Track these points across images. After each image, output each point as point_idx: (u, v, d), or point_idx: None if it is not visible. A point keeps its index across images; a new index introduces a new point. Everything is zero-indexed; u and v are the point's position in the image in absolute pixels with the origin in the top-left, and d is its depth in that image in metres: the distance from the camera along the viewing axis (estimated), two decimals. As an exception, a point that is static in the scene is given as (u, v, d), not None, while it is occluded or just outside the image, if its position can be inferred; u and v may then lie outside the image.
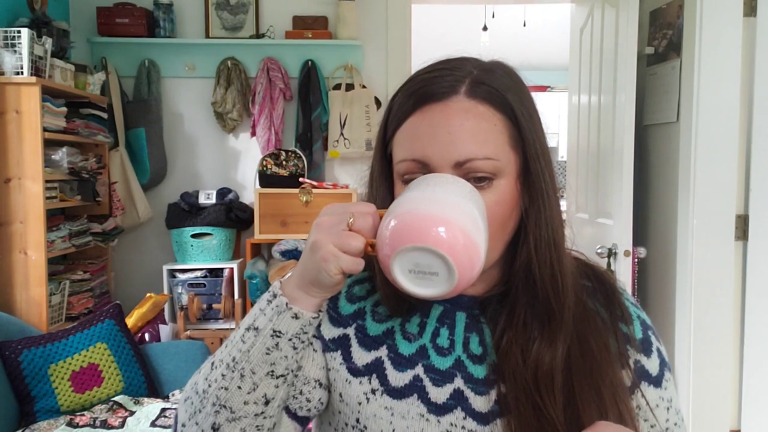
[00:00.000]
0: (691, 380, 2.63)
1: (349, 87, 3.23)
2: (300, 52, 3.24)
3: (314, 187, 3.05)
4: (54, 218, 2.72)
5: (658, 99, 2.82)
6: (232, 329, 3.01)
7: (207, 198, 3.20)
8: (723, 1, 2.52)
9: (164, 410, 2.22)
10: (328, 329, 0.77)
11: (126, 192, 3.17)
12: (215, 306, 3.07)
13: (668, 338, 2.73)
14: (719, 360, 2.63)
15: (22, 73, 2.45)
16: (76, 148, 2.83)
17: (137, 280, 3.30)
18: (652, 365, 0.76)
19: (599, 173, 2.81)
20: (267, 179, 3.11)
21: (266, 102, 3.18)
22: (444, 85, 0.69)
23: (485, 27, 5.00)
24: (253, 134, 3.24)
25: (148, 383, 2.44)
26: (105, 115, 3.01)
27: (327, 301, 0.70)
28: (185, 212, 3.15)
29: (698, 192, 2.58)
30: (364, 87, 3.24)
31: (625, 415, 0.70)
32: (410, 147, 0.69)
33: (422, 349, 0.75)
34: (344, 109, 3.19)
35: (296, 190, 3.04)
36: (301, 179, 3.07)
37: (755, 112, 2.56)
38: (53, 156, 2.65)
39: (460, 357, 0.74)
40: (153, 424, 2.14)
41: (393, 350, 0.75)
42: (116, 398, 2.29)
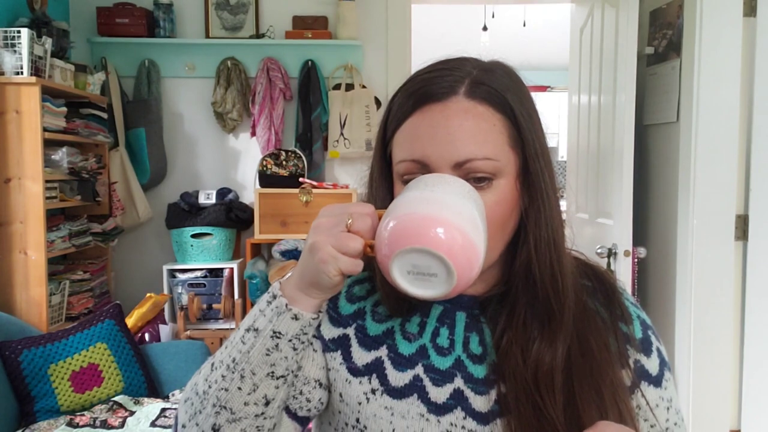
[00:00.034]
0: (691, 380, 2.63)
1: (349, 87, 3.23)
2: (300, 52, 3.23)
3: (314, 187, 3.05)
4: (54, 218, 2.72)
5: (658, 99, 2.82)
6: (232, 329, 3.01)
7: (207, 198, 3.20)
8: (723, 1, 2.52)
9: (164, 410, 2.22)
10: (328, 329, 0.77)
11: (126, 192, 3.17)
12: (215, 306, 3.07)
13: (668, 338, 2.73)
14: (719, 360, 2.63)
15: (22, 73, 2.45)
16: (76, 148, 2.83)
17: (137, 280, 3.30)
18: (652, 365, 0.76)
19: (599, 173, 2.81)
20: (267, 179, 3.11)
21: (266, 102, 3.18)
22: (443, 86, 0.69)
23: (485, 27, 5.00)
24: (253, 134, 3.24)
25: (148, 383, 2.44)
26: (105, 115, 3.01)
27: (327, 301, 0.70)
28: (185, 212, 3.15)
29: (698, 192, 2.58)
30: (364, 87, 3.24)
31: (626, 415, 0.70)
32: (410, 147, 0.69)
33: (422, 349, 0.75)
34: (344, 109, 3.19)
35: (296, 190, 3.04)
36: (301, 179, 3.07)
37: (755, 112, 2.56)
38: (53, 156, 2.65)
39: (460, 357, 0.74)
40: (153, 424, 2.14)
41: (393, 350, 0.75)
42: (116, 398, 2.29)
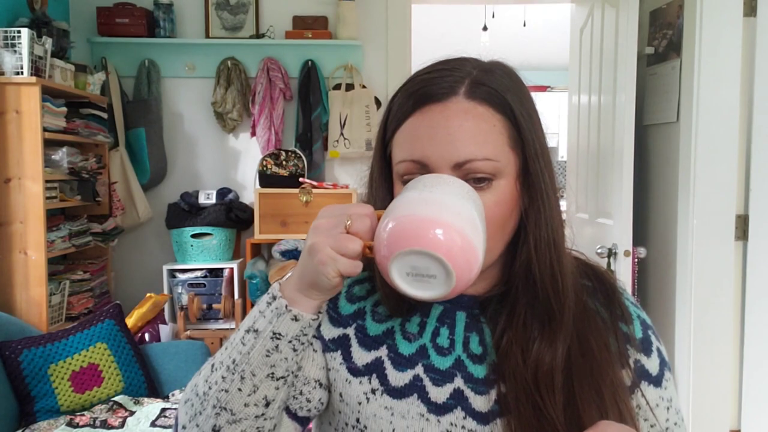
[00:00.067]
0: (691, 380, 2.63)
1: (349, 87, 3.23)
2: (300, 52, 3.23)
3: (314, 187, 3.05)
4: (54, 218, 2.72)
5: (658, 99, 2.82)
6: (232, 329, 3.01)
7: (207, 198, 3.20)
8: (723, 1, 2.52)
9: (164, 410, 2.22)
10: (328, 329, 0.77)
11: (126, 192, 3.17)
12: (215, 306, 3.07)
13: (668, 338, 2.73)
14: (719, 360, 2.63)
15: (22, 73, 2.45)
16: (76, 148, 2.82)
17: (137, 280, 3.30)
18: (652, 365, 0.76)
19: (599, 173, 2.81)
20: (267, 179, 3.11)
21: (266, 102, 3.18)
22: (443, 86, 0.69)
23: (485, 27, 5.00)
24: (253, 134, 3.24)
25: (148, 383, 2.44)
26: (105, 115, 3.01)
27: (327, 302, 0.70)
28: (185, 212, 3.15)
29: (698, 192, 2.58)
30: (364, 87, 3.24)
31: (626, 415, 0.70)
32: (410, 148, 0.69)
33: (422, 349, 0.75)
34: (344, 109, 3.19)
35: (296, 190, 3.04)
36: (301, 179, 3.07)
37: (755, 112, 2.56)
38: (53, 156, 2.65)
39: (460, 357, 0.74)
40: (153, 424, 2.14)
41: (393, 350, 0.75)
42: (116, 398, 2.29)
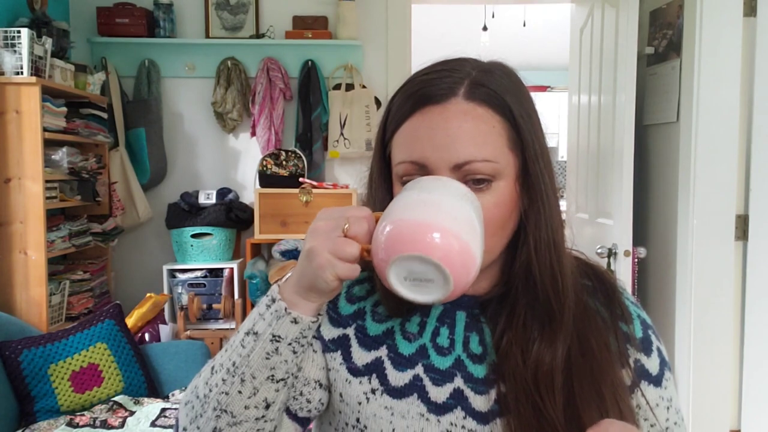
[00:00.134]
0: (691, 380, 2.63)
1: (349, 87, 3.23)
2: (300, 52, 3.23)
3: (314, 187, 3.05)
4: (54, 218, 2.72)
5: (658, 99, 2.82)
6: (232, 329, 3.01)
7: (207, 198, 3.20)
8: (723, 1, 2.52)
9: (164, 410, 2.22)
10: (328, 329, 0.77)
11: (126, 192, 3.17)
12: (215, 306, 3.06)
13: (668, 338, 2.73)
14: (719, 360, 2.63)
15: (22, 73, 2.44)
16: (76, 148, 2.82)
17: (137, 280, 3.30)
18: (652, 364, 0.76)
19: (599, 173, 2.81)
20: (267, 179, 3.11)
21: (266, 102, 3.18)
22: (442, 87, 0.68)
23: (485, 27, 5.00)
24: (253, 134, 3.24)
25: (148, 383, 2.44)
26: (105, 115, 3.01)
27: (326, 302, 0.70)
28: (185, 212, 3.15)
29: (698, 192, 2.58)
30: (364, 87, 3.24)
31: (626, 415, 0.70)
32: (409, 149, 0.69)
33: (422, 349, 0.75)
34: (344, 109, 3.19)
35: (296, 190, 3.04)
36: (301, 179, 3.07)
37: (755, 112, 2.56)
38: (53, 156, 2.65)
39: (460, 356, 0.74)
40: (153, 424, 2.14)
41: (393, 350, 0.75)
42: (116, 398, 2.29)
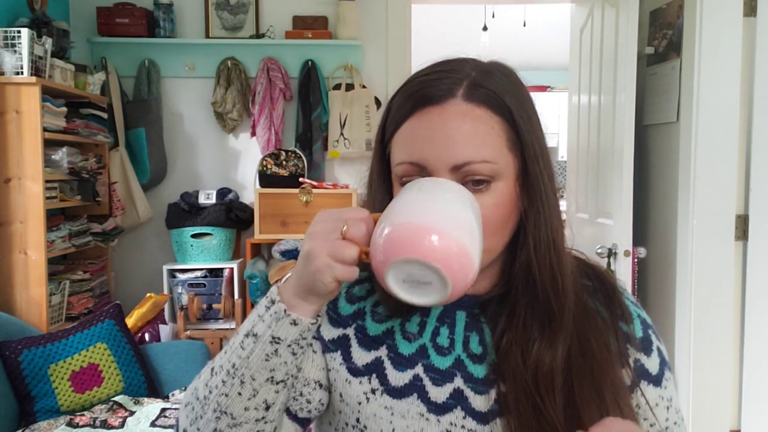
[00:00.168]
0: (691, 380, 2.63)
1: (349, 87, 3.23)
2: (300, 52, 3.23)
3: (314, 187, 3.05)
4: (54, 218, 2.72)
5: (658, 99, 2.82)
6: (232, 329, 3.01)
7: (207, 198, 3.20)
8: (723, 1, 2.52)
9: (164, 410, 2.22)
10: (328, 330, 0.77)
11: (126, 192, 3.17)
12: (215, 306, 3.06)
13: (668, 338, 2.72)
14: (719, 360, 2.63)
15: (22, 73, 2.45)
16: (76, 148, 2.82)
17: (137, 280, 3.30)
18: (652, 364, 0.76)
19: (599, 173, 2.81)
20: (267, 179, 3.11)
21: (266, 102, 3.18)
22: (441, 88, 0.68)
23: (485, 27, 5.00)
24: (253, 134, 3.24)
25: (148, 383, 2.43)
26: (105, 115, 3.01)
27: (326, 303, 0.70)
28: (185, 212, 3.15)
29: (698, 192, 2.58)
30: (364, 87, 3.24)
31: (627, 415, 0.70)
32: (408, 150, 0.69)
33: (422, 349, 0.75)
34: (344, 109, 3.19)
35: (296, 190, 3.04)
36: (301, 179, 3.07)
37: (755, 112, 2.56)
38: (53, 156, 2.65)
39: (460, 356, 0.74)
40: (153, 424, 2.14)
41: (393, 350, 0.75)
42: (116, 398, 2.29)
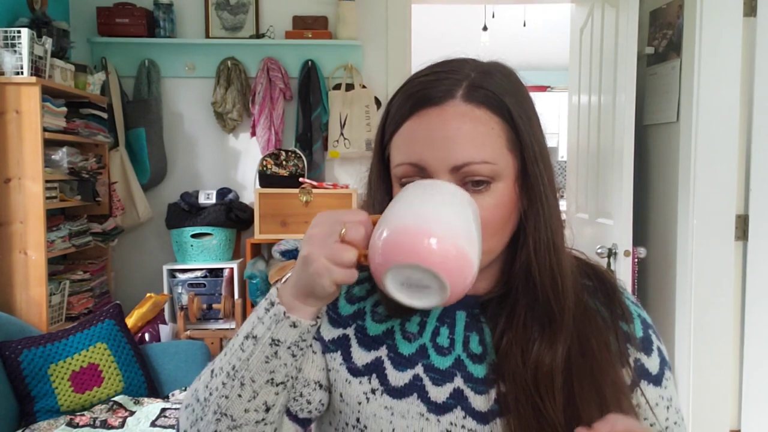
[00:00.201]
0: (691, 380, 2.63)
1: (349, 87, 3.23)
2: (300, 52, 3.23)
3: (314, 187, 3.05)
4: (54, 218, 2.72)
5: (658, 99, 2.82)
6: (232, 329, 3.01)
7: (207, 198, 3.20)
8: (723, 1, 2.52)
9: (164, 410, 2.22)
10: (328, 330, 0.77)
11: (126, 192, 3.17)
12: (215, 306, 3.07)
13: (668, 338, 2.72)
14: (719, 360, 2.63)
15: (22, 73, 2.44)
16: (76, 148, 2.82)
17: (137, 280, 3.30)
18: (653, 364, 0.76)
19: (599, 173, 2.81)
20: (267, 179, 3.11)
21: (266, 102, 3.18)
22: (441, 89, 0.68)
23: (485, 27, 5.00)
24: (253, 134, 3.24)
25: (148, 383, 2.43)
26: (105, 115, 3.01)
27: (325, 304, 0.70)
28: (185, 212, 3.15)
29: (698, 192, 2.58)
30: (364, 87, 3.24)
31: (628, 414, 0.70)
32: (407, 151, 0.69)
33: (422, 349, 0.75)
34: (344, 109, 3.19)
35: (296, 190, 3.04)
36: (301, 179, 3.07)
37: (755, 112, 2.56)
38: (53, 156, 2.65)
39: (460, 356, 0.74)
40: (153, 424, 2.14)
41: (393, 350, 0.75)
42: (116, 398, 2.29)
